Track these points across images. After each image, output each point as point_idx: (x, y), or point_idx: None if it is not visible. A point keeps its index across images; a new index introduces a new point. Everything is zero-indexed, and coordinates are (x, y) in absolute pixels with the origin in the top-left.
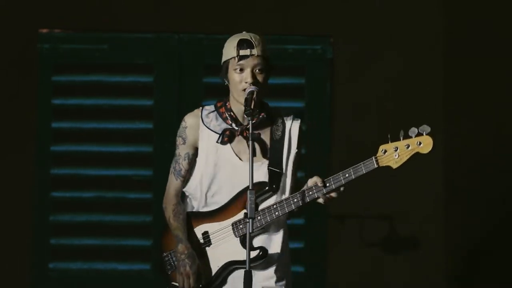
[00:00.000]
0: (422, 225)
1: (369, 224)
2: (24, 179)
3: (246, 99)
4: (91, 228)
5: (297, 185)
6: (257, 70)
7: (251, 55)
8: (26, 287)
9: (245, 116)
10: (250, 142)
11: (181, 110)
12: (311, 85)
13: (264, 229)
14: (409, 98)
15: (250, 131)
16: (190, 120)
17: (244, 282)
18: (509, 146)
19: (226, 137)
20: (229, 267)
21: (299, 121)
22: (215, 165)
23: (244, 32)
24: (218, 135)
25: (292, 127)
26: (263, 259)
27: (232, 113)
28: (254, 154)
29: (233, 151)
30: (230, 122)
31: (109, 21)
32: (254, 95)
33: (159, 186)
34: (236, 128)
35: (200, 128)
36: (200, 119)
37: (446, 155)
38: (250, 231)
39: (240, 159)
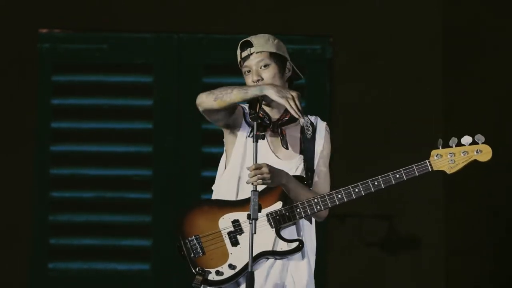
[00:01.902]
0: (422, 225)
1: (369, 224)
2: (24, 179)
3: (250, 102)
4: (90, 228)
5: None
6: (261, 67)
7: (251, 53)
8: (26, 287)
9: (251, 120)
10: (254, 144)
11: (180, 110)
12: (311, 85)
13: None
14: (409, 98)
15: (255, 133)
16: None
17: (246, 283)
18: (510, 146)
19: (257, 131)
20: (261, 256)
21: (325, 123)
22: (251, 158)
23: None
24: (249, 129)
25: (320, 127)
26: (299, 251)
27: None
28: (288, 146)
29: (270, 147)
30: (262, 116)
31: (109, 21)
32: (259, 97)
33: (159, 186)
34: (267, 123)
35: (242, 122)
36: (242, 109)
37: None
38: (254, 232)
39: (275, 155)
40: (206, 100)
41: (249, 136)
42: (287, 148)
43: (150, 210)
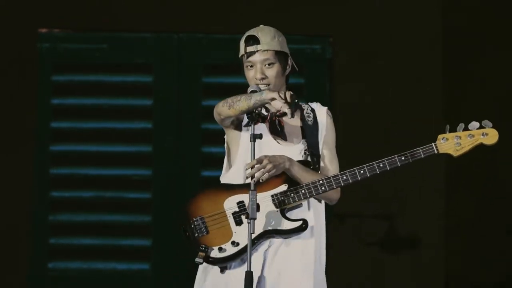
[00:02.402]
0: (421, 225)
1: (369, 223)
2: (24, 179)
3: None
4: (90, 228)
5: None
6: (266, 65)
7: (257, 50)
8: (26, 287)
9: (249, 120)
10: (251, 143)
11: (180, 109)
12: (311, 85)
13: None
14: (409, 98)
15: (253, 132)
16: None
17: (245, 283)
18: (510, 146)
19: (257, 122)
20: (266, 235)
21: (326, 108)
22: (256, 147)
23: (261, 25)
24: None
25: (321, 113)
26: (303, 231)
27: None
28: (286, 137)
29: (271, 135)
30: (260, 108)
31: (109, 21)
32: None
33: (158, 186)
34: (266, 114)
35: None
36: None
37: (447, 155)
38: (252, 232)
39: (277, 142)
40: (223, 109)
41: (246, 126)
42: (285, 140)
43: (149, 210)
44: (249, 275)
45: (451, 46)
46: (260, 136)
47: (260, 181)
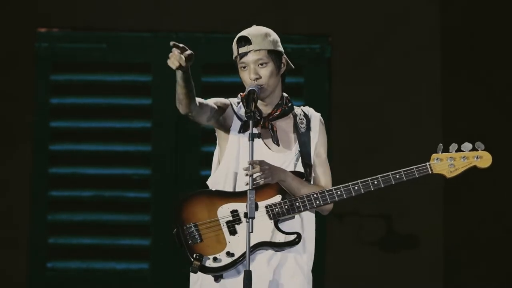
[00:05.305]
0: (421, 225)
1: (368, 223)
2: (22, 178)
3: (246, 100)
4: (89, 227)
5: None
6: (259, 65)
7: (249, 51)
8: (24, 286)
9: (247, 118)
10: (250, 142)
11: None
12: (310, 84)
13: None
14: (407, 97)
15: (251, 131)
16: (223, 100)
17: (244, 283)
18: (509, 146)
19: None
20: (260, 247)
21: (319, 114)
22: (246, 154)
23: (253, 26)
24: (240, 124)
25: (314, 119)
26: (296, 244)
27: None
28: (278, 142)
29: (263, 140)
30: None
31: (108, 20)
32: (255, 95)
33: (157, 185)
34: (258, 118)
35: (233, 118)
36: (231, 105)
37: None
38: (250, 231)
39: (269, 148)
40: (180, 109)
41: (240, 132)
42: (278, 145)
43: (148, 209)
44: (248, 274)
45: (450, 46)
46: (258, 135)
47: (255, 181)
